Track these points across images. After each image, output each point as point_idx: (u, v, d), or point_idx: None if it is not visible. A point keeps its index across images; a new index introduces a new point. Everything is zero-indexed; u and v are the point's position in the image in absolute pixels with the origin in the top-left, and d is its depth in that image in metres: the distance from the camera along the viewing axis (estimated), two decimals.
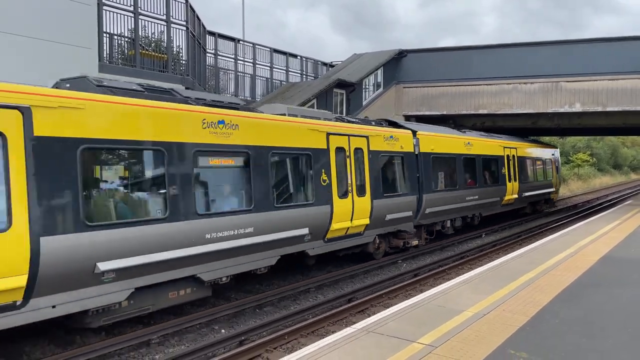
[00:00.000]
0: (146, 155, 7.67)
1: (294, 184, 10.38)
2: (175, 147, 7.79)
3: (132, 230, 7.12)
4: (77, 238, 6.51)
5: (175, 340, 7.98)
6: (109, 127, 7.00)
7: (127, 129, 7.21)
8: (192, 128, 8.07)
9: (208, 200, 8.55)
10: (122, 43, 15.26)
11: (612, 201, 32.99)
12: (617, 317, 6.35)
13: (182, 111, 8.03)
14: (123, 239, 6.99)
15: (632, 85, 20.91)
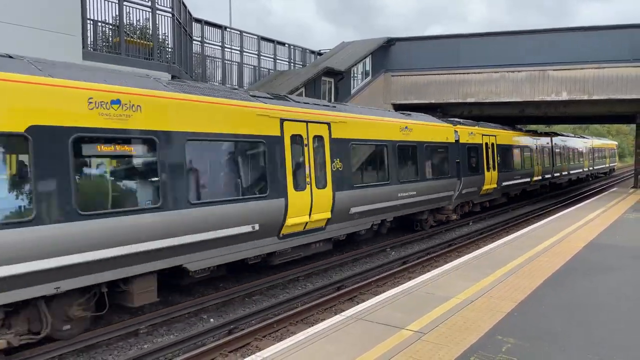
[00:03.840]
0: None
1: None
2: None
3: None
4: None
5: (163, 330, 7.94)
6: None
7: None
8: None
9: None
10: (107, 30, 14.99)
11: (597, 189, 33.41)
12: (603, 302, 6.44)
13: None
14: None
15: (617, 74, 21.06)
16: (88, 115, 6.69)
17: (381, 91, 24.73)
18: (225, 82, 21.25)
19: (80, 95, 6.64)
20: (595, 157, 41.77)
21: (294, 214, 9.88)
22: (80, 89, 6.66)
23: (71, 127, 6.50)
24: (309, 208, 10.32)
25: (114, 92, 7.00)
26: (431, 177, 15.20)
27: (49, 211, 6.26)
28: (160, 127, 7.57)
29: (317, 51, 27.61)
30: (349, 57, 23.66)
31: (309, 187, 10.35)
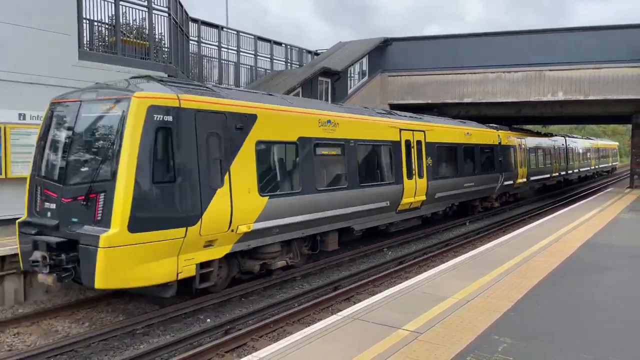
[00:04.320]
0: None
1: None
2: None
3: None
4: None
5: (160, 330, 7.93)
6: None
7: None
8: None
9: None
10: (103, 30, 14.95)
11: (593, 189, 33.51)
12: (599, 302, 6.46)
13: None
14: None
15: (613, 74, 21.13)
16: (318, 130, 11.03)
17: (378, 91, 24.75)
18: (221, 82, 21.22)
19: (315, 119, 11.02)
20: (600, 157, 45.95)
21: (406, 196, 14.04)
22: (315, 115, 11.07)
23: (313, 137, 10.83)
24: (414, 192, 14.48)
25: (328, 116, 11.47)
26: (483, 172, 19.32)
27: (305, 187, 10.41)
28: (346, 136, 11.93)
29: (314, 51, 27.60)
30: (345, 57, 23.67)
31: (415, 177, 14.51)
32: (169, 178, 7.80)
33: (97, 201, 7.43)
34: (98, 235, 7.11)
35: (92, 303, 9.18)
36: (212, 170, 8.43)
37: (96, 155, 7.80)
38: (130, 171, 7.34)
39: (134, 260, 7.36)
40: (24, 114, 11.88)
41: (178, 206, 7.85)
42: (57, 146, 8.35)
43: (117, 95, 7.89)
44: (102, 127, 7.95)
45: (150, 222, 7.50)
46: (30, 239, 7.91)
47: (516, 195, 24.53)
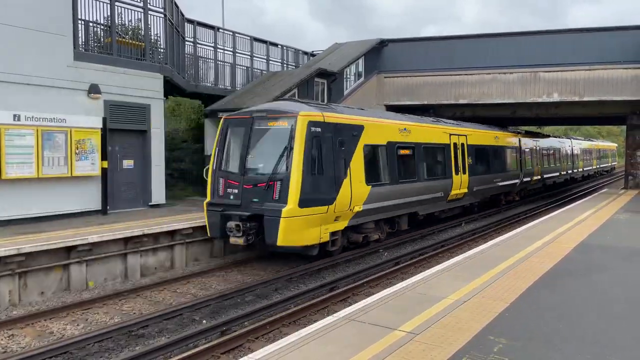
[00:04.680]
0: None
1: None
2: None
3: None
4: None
5: (155, 331, 7.91)
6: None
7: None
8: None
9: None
10: (98, 30, 14.91)
11: (588, 189, 33.66)
12: (594, 303, 6.48)
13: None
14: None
15: (608, 76, 21.22)
16: (397, 136, 14.27)
17: (374, 92, 24.78)
18: (217, 83, 21.20)
19: (397, 127, 14.43)
20: (601, 157, 49.62)
21: (454, 188, 17.24)
22: (396, 124, 14.54)
23: (395, 141, 14.10)
24: (460, 185, 17.63)
25: (404, 124, 14.86)
26: (508, 170, 22.75)
27: (391, 179, 13.71)
28: (415, 140, 15.15)
29: (310, 52, 27.60)
30: (341, 59, 23.67)
31: (460, 173, 17.67)
32: (319, 172, 11.15)
33: (274, 187, 10.79)
34: (280, 209, 10.44)
35: (86, 305, 9.16)
36: (341, 166, 11.78)
37: (271, 155, 11.15)
38: (299, 166, 10.70)
39: (300, 227, 10.73)
40: (18, 114, 11.84)
41: (324, 191, 11.27)
42: (236, 149, 11.66)
43: (285, 114, 11.19)
44: (275, 136, 11.25)
45: (310, 202, 10.85)
46: (218, 214, 11.27)
47: (532, 190, 27.83)
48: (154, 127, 15.24)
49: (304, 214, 10.74)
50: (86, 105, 13.40)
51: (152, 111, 15.15)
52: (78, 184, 13.22)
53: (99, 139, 13.50)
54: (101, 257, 10.63)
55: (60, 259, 9.97)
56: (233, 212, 11.11)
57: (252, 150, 11.39)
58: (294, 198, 10.57)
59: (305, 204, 10.72)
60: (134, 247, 11.14)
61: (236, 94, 20.64)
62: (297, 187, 10.62)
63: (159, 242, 11.79)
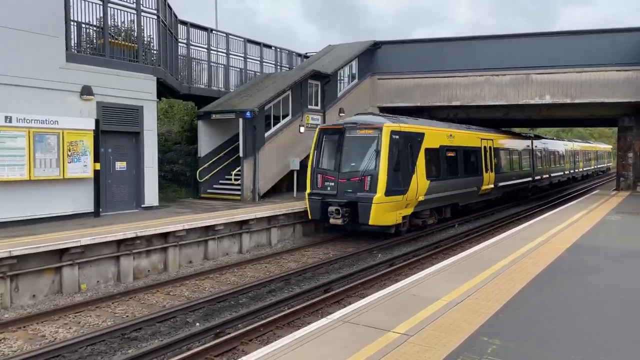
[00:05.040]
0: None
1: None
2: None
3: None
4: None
5: (148, 334, 7.87)
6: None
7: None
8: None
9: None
10: (91, 32, 14.84)
11: (580, 191, 33.88)
12: (587, 303, 6.52)
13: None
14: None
15: (599, 78, 21.39)
16: (446, 141, 17.48)
17: (367, 94, 24.82)
18: (211, 84, 21.16)
19: (446, 133, 17.64)
20: (598, 158, 53.39)
21: (484, 184, 20.53)
22: (446, 131, 17.75)
23: (445, 145, 17.33)
24: (488, 182, 20.90)
25: (450, 131, 18.05)
26: (524, 169, 26.28)
27: (442, 175, 16.82)
28: (457, 144, 18.42)
29: (303, 54, 27.62)
30: (335, 60, 23.71)
31: (489, 171, 20.95)
32: (398, 169, 14.60)
33: (365, 180, 14.21)
34: (371, 197, 13.93)
35: (79, 307, 9.10)
36: (411, 164, 15.29)
37: (362, 156, 14.59)
38: (385, 165, 14.18)
39: (385, 211, 14.21)
40: (10, 116, 11.76)
41: (401, 184, 14.71)
42: (331, 152, 15.13)
43: (373, 126, 14.68)
44: (365, 142, 14.65)
45: (392, 192, 14.32)
46: (319, 201, 14.80)
47: (541, 188, 31.24)
48: (147, 128, 15.18)
49: (388, 201, 14.29)
50: (78, 107, 13.32)
51: (145, 113, 15.09)
52: (70, 186, 13.13)
53: (92, 141, 13.43)
54: (94, 259, 10.56)
55: (52, 262, 9.90)
56: (331, 200, 14.63)
57: (345, 152, 14.83)
58: (381, 189, 14.09)
59: (389, 193, 14.26)
60: (126, 249, 11.08)
61: (230, 96, 20.61)
62: (383, 181, 14.13)
63: (152, 244, 11.74)
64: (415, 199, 15.47)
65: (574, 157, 39.53)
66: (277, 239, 15.35)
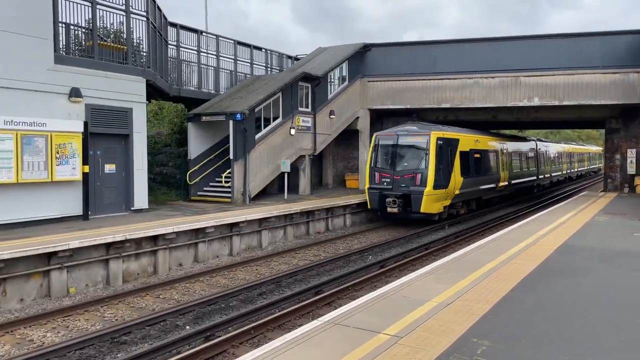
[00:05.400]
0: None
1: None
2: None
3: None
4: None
5: (138, 338, 7.81)
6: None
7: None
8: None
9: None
10: (80, 34, 14.74)
11: (568, 192, 34.19)
12: (576, 304, 6.58)
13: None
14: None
15: (587, 80, 21.63)
16: (473, 145, 21.22)
17: (358, 96, 24.88)
18: (201, 86, 21.09)
19: (473, 139, 21.43)
20: (590, 159, 57.05)
21: (500, 181, 23.84)
22: (473, 137, 21.50)
23: (473, 148, 21.02)
24: (503, 180, 24.18)
25: (476, 137, 21.80)
26: (531, 169, 29.89)
27: (470, 173, 20.52)
28: (482, 147, 21.99)
29: (294, 56, 27.63)
30: (325, 63, 23.74)
31: (504, 170, 24.44)
32: (441, 168, 17.97)
33: (417, 177, 17.64)
34: (422, 190, 17.40)
35: (67, 311, 9.01)
36: (450, 164, 18.83)
37: (413, 158, 18.20)
38: (432, 164, 17.62)
39: (432, 201, 17.68)
40: None
41: (444, 180, 18.16)
42: (386, 155, 18.65)
43: (422, 133, 18.26)
44: (416, 147, 18.24)
45: (438, 186, 17.81)
46: (377, 193, 18.26)
47: (543, 186, 34.37)
48: (136, 130, 15.09)
49: (435, 193, 17.88)
50: (67, 109, 13.22)
51: (135, 115, 15.00)
52: (59, 189, 13.01)
53: (80, 143, 13.32)
54: (82, 263, 10.47)
55: (40, 265, 9.80)
56: (387, 192, 18.13)
57: (399, 154, 18.45)
58: (430, 183, 17.65)
59: (435, 187, 17.80)
60: (116, 252, 11.00)
61: (220, 98, 20.56)
62: (432, 177, 17.67)
63: (142, 247, 11.67)
64: (453, 192, 19.21)
65: (570, 159, 43.20)
66: (268, 241, 15.33)
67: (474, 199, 22.04)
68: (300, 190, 21.72)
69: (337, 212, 18.62)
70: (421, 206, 17.48)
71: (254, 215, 14.72)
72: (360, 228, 19.00)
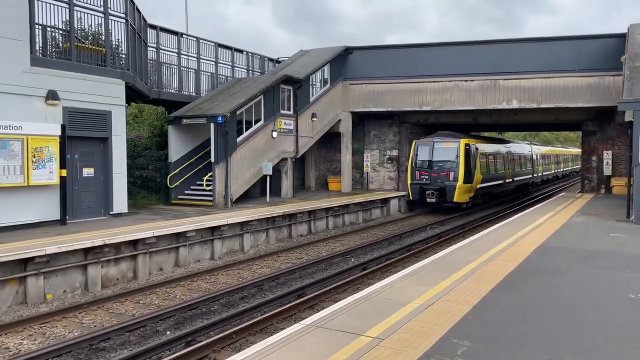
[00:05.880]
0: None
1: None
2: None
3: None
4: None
5: (117, 344, 7.69)
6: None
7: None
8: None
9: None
10: (57, 35, 14.50)
11: (547, 193, 34.75)
12: (554, 304, 6.67)
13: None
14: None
15: (563, 83, 22.03)
16: (488, 149, 26.58)
17: (340, 99, 24.95)
18: (181, 89, 20.92)
19: (488, 144, 27.29)
20: (574, 160, 61.29)
21: (505, 178, 28.97)
22: (488, 143, 27.75)
23: (487, 152, 26.25)
24: (508, 177, 29.33)
25: (490, 143, 27.93)
26: (527, 169, 34.77)
27: (487, 172, 26.02)
28: (492, 151, 27.18)
29: (275, 59, 27.60)
30: (307, 65, 23.77)
31: (508, 169, 29.39)
32: (468, 167, 22.83)
33: (450, 174, 22.47)
34: (455, 184, 22.38)
35: (44, 318, 8.83)
36: (473, 164, 23.38)
37: (447, 160, 22.80)
38: (462, 164, 22.50)
39: (462, 193, 22.59)
40: None
41: (470, 176, 22.97)
42: (424, 157, 23.12)
43: (453, 140, 23.04)
44: (448, 150, 22.86)
45: (466, 181, 22.73)
46: (418, 187, 22.95)
47: (535, 183, 38.58)
48: (115, 134, 14.90)
49: (464, 187, 22.68)
50: (44, 112, 12.98)
51: (114, 118, 14.81)
52: (35, 194, 12.77)
53: (57, 147, 13.10)
54: (60, 268, 10.28)
55: (16, 272, 9.59)
56: (427, 187, 22.87)
57: (435, 157, 23.13)
58: (460, 179, 22.49)
59: (464, 182, 22.63)
60: (94, 257, 10.83)
61: (201, 100, 20.42)
62: (462, 174, 22.56)
63: (121, 252, 11.51)
64: (476, 187, 24.05)
65: (557, 160, 48.73)
66: (250, 245, 15.25)
67: (487, 193, 26.96)
68: (282, 193, 21.67)
69: (319, 215, 18.62)
70: (454, 197, 22.36)
71: (235, 218, 14.64)
72: (343, 230, 19.03)
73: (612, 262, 9.17)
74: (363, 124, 26.59)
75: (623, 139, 22.67)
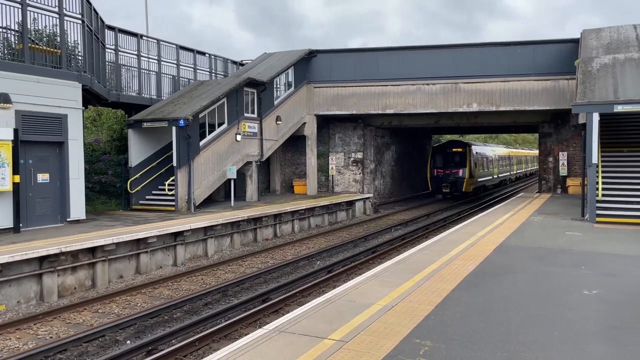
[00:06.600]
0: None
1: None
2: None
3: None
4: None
5: (74, 356, 7.42)
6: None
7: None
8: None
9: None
10: (9, 37, 13.95)
11: (506, 194, 35.75)
12: (513, 301, 6.83)
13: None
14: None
15: (521, 87, 22.70)
16: (484, 152, 36.81)
17: (304, 102, 24.96)
18: (142, 92, 20.48)
19: (484, 148, 38.33)
20: (534, 161, 68.38)
21: (494, 175, 39.47)
22: (484, 146, 39.04)
23: (484, 154, 36.55)
24: (495, 174, 39.92)
25: (485, 147, 39.43)
26: (507, 167, 44.36)
27: (483, 169, 35.71)
28: (486, 154, 37.21)
29: (239, 61, 27.38)
30: (271, 68, 23.68)
31: (494, 168, 39.42)
32: (474, 167, 32.45)
33: (460, 171, 31.61)
34: (464, 178, 31.53)
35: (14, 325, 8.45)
36: (476, 164, 33.38)
37: (457, 161, 31.78)
38: (469, 164, 31.68)
39: (468, 185, 31.76)
40: None
41: (474, 173, 32.54)
42: (440, 159, 32.27)
43: (462, 146, 32.21)
44: (458, 154, 31.93)
45: (471, 176, 31.88)
46: (435, 181, 32.23)
47: (511, 179, 47.89)
48: (72, 138, 14.44)
49: (469, 180, 31.11)
50: None
51: (70, 121, 14.35)
52: None
53: (10, 152, 12.59)
54: (13, 278, 9.86)
55: None
56: (442, 181, 31.30)
57: (450, 158, 31.48)
58: (467, 174, 30.92)
59: (470, 177, 31.03)
60: (50, 266, 10.44)
61: (162, 103, 20.04)
62: (468, 171, 30.92)
63: (79, 260, 11.14)
64: (476, 181, 32.62)
65: (526, 160, 57.89)
66: (214, 250, 15.04)
67: (483, 185, 35.57)
68: (247, 196, 21.49)
69: (285, 218, 18.55)
70: (463, 188, 31.00)
71: (199, 223, 14.41)
72: (309, 233, 19.01)
73: (568, 260, 9.47)
74: (328, 127, 26.69)
75: (577, 141, 23.52)
